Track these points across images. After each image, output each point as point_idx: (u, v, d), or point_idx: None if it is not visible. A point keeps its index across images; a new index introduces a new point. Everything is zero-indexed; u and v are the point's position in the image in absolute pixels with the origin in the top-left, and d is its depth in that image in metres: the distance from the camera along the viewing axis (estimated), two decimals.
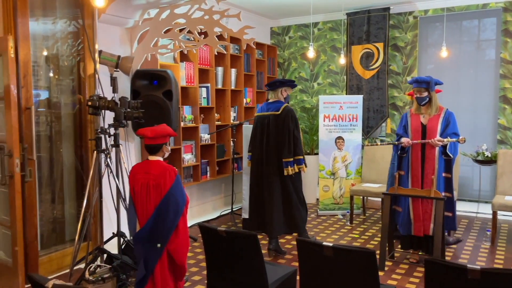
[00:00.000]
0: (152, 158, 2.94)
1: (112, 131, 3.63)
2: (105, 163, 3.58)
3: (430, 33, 6.48)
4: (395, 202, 4.20)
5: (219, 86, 5.99)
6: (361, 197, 5.88)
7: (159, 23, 4.34)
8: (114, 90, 3.75)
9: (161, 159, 2.96)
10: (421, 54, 6.55)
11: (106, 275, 3.24)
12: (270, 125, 4.28)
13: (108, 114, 3.77)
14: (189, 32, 4.25)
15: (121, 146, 3.75)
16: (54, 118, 4.17)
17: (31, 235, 3.62)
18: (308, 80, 7.44)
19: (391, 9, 6.52)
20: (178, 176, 2.88)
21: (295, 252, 4.37)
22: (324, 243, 2.39)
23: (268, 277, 2.64)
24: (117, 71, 4.32)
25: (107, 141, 3.62)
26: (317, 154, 6.26)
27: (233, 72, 6.22)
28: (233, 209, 5.66)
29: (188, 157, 5.44)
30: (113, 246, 3.79)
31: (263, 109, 4.39)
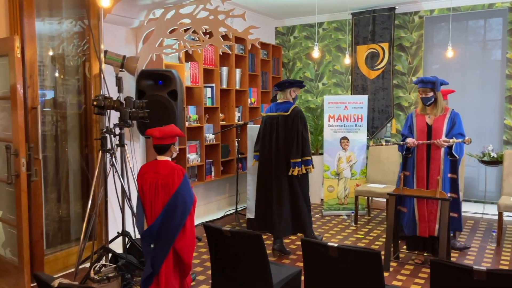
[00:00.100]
0: (160, 158, 2.99)
1: (117, 130, 3.65)
2: (110, 162, 3.60)
3: (436, 33, 6.45)
4: (400, 203, 4.19)
5: (224, 86, 5.99)
6: (366, 197, 5.86)
7: (164, 23, 4.35)
8: (119, 90, 3.78)
9: (169, 159, 3.00)
10: (426, 54, 6.52)
11: (111, 274, 3.27)
12: (279, 125, 4.28)
13: (114, 114, 3.79)
14: (194, 32, 4.26)
15: (126, 145, 3.77)
16: (60, 117, 4.19)
17: (37, 234, 3.65)
18: (313, 80, 7.43)
19: (396, 9, 6.50)
20: (186, 175, 2.92)
21: (299, 253, 4.38)
22: (329, 244, 2.38)
23: (273, 277, 2.64)
24: (123, 71, 4.33)
25: (112, 141, 3.64)
26: (321, 154, 6.25)
27: (237, 72, 6.22)
28: (238, 209, 5.66)
29: (193, 157, 5.44)
30: (118, 245, 3.81)
31: (271, 109, 4.39)
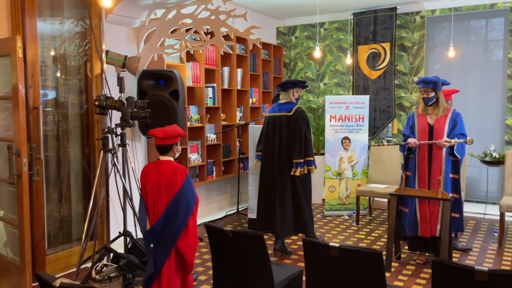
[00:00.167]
0: (163, 158, 2.99)
1: (119, 130, 3.65)
2: (112, 162, 3.60)
3: (437, 33, 6.44)
4: (401, 203, 4.18)
5: (225, 86, 5.99)
6: (367, 197, 5.86)
7: (166, 23, 4.35)
8: (121, 90, 3.78)
9: (172, 159, 3.01)
10: (428, 54, 6.52)
11: (113, 274, 3.27)
12: (282, 126, 4.28)
13: (115, 114, 3.79)
14: (195, 32, 4.26)
15: (127, 145, 3.77)
16: (61, 117, 4.19)
17: (39, 234, 3.65)
18: (314, 80, 7.43)
19: (398, 9, 6.49)
20: (189, 175, 2.93)
21: (301, 253, 4.38)
22: (330, 244, 2.38)
23: (274, 277, 2.64)
24: (124, 71, 4.34)
25: (114, 141, 3.64)
26: (323, 154, 6.24)
27: (239, 72, 6.22)
28: (239, 209, 5.66)
29: (194, 157, 5.45)
30: (119, 245, 3.81)
31: (274, 109, 4.39)
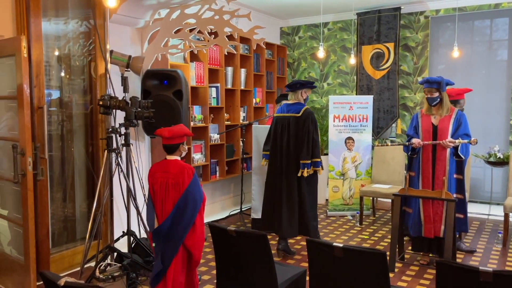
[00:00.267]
0: (170, 157, 3.02)
1: (123, 130, 3.66)
2: (116, 162, 3.61)
3: (442, 33, 6.42)
4: (405, 203, 4.17)
5: (229, 86, 6.00)
6: (371, 198, 5.85)
7: (170, 23, 4.36)
8: (125, 90, 3.79)
9: (178, 158, 3.03)
10: (432, 54, 6.50)
11: (116, 274, 3.28)
12: (290, 126, 4.28)
13: (119, 114, 3.80)
14: (199, 32, 4.27)
15: (131, 145, 3.78)
16: (66, 117, 4.21)
17: (43, 233, 3.66)
18: (318, 80, 7.42)
19: (402, 9, 6.47)
20: (196, 174, 2.96)
21: (304, 253, 4.37)
22: (334, 244, 2.37)
23: (278, 277, 2.64)
24: (128, 71, 4.35)
25: (117, 141, 3.65)
26: (326, 154, 6.23)
27: (242, 72, 6.22)
28: (242, 209, 5.67)
29: (198, 157, 5.45)
30: (123, 244, 3.82)
31: (283, 110, 4.39)
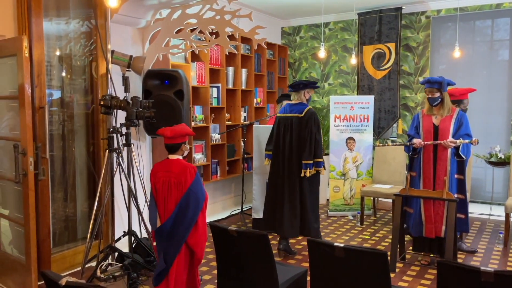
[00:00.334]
0: (172, 157, 3.04)
1: (124, 130, 3.66)
2: (117, 162, 3.61)
3: (443, 33, 6.41)
4: (406, 203, 4.17)
5: (230, 86, 6.00)
6: (372, 198, 5.84)
7: (171, 23, 4.36)
8: (126, 90, 3.79)
9: (180, 158, 3.04)
10: (433, 55, 6.49)
11: (117, 273, 3.28)
12: (293, 126, 4.28)
13: (120, 114, 3.80)
14: (200, 32, 4.27)
15: (132, 145, 3.78)
16: (67, 117, 4.21)
17: (44, 233, 3.67)
18: (319, 80, 7.41)
19: (403, 9, 6.47)
20: (198, 173, 2.98)
21: (305, 253, 4.37)
22: (335, 244, 2.37)
23: (279, 277, 2.64)
24: (129, 71, 4.35)
25: (119, 140, 3.65)
26: (327, 154, 6.23)
27: (243, 72, 6.22)
28: (243, 209, 5.67)
29: (199, 157, 5.45)
30: (124, 244, 3.83)
31: (285, 110, 4.39)
